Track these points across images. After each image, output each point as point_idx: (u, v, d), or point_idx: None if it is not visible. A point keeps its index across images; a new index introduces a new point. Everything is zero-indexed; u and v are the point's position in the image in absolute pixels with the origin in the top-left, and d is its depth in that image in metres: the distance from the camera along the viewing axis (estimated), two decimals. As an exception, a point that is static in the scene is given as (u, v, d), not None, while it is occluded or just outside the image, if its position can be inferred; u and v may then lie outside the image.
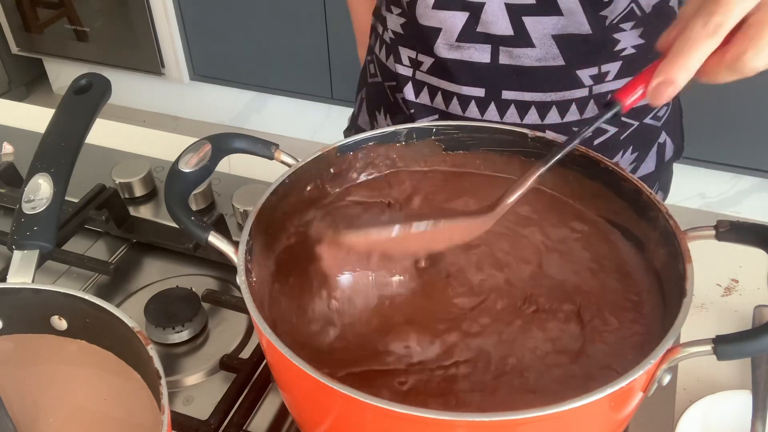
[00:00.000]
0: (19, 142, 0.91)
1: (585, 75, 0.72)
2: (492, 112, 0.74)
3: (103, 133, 0.83)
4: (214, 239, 0.51)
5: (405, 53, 0.78)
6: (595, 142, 0.77)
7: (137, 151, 0.90)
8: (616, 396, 0.40)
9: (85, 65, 2.63)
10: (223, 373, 0.64)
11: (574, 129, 0.75)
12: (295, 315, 0.54)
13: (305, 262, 0.56)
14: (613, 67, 0.72)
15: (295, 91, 2.43)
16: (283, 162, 0.59)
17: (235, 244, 0.51)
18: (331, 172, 0.61)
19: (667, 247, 0.51)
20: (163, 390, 0.43)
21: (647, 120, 0.79)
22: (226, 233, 0.75)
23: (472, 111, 0.75)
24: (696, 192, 2.19)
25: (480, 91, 0.74)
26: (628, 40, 0.71)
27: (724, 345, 0.42)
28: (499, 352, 0.52)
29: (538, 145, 0.60)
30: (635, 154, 0.80)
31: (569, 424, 0.42)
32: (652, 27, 0.72)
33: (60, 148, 0.58)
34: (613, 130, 0.77)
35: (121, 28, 2.47)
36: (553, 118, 0.74)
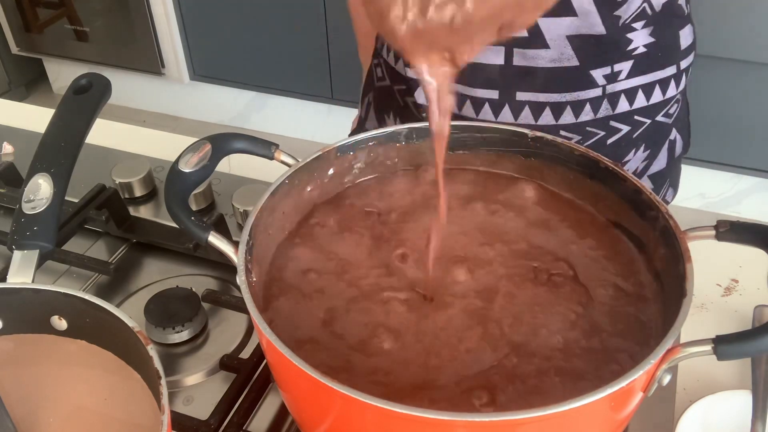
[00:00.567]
0: (19, 142, 0.91)
1: (598, 75, 0.72)
2: (506, 114, 0.74)
3: (103, 133, 0.83)
4: (214, 239, 0.51)
5: None
6: (609, 142, 0.77)
7: (137, 151, 0.90)
8: (616, 396, 0.40)
9: (85, 65, 2.63)
10: (223, 373, 0.63)
11: (588, 129, 0.75)
12: (295, 315, 0.54)
13: (305, 261, 0.56)
14: (626, 66, 0.73)
15: (295, 91, 2.43)
16: (283, 162, 0.59)
17: (235, 244, 0.51)
18: (331, 172, 0.61)
19: (667, 247, 0.51)
20: (163, 390, 0.43)
21: (659, 117, 0.79)
22: (226, 233, 0.75)
23: (486, 113, 0.75)
24: (696, 192, 2.19)
25: (494, 93, 0.74)
26: (639, 39, 0.72)
27: (724, 345, 0.42)
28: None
29: (538, 144, 0.60)
30: (647, 152, 0.80)
31: (569, 424, 0.42)
32: (661, 25, 0.72)
33: (60, 148, 0.58)
34: (626, 128, 0.77)
35: (121, 28, 2.47)
36: (567, 118, 0.74)
